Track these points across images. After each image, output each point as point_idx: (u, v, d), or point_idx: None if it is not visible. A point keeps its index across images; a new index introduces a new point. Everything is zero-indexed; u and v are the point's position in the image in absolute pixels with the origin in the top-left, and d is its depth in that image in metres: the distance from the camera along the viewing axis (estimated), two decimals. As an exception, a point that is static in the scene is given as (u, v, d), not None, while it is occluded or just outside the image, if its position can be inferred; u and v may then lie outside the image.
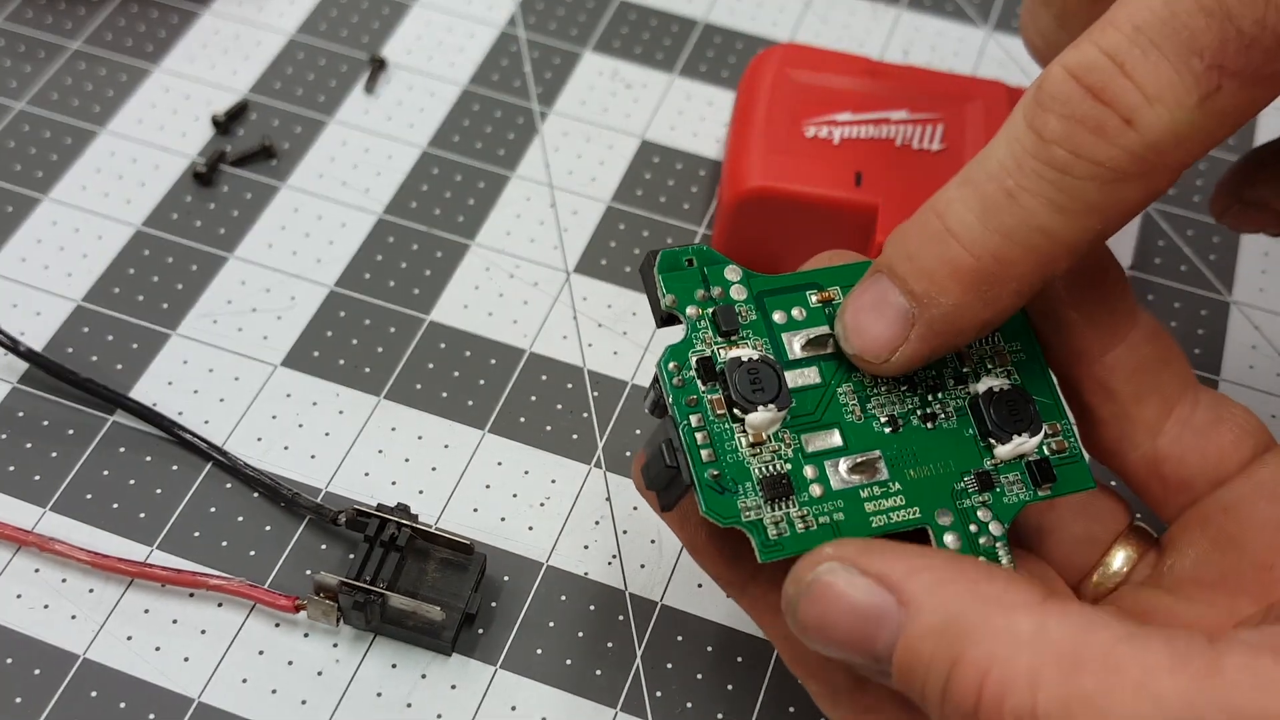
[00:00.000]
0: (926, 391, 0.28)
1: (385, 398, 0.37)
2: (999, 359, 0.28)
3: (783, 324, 0.28)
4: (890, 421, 0.27)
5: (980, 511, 0.27)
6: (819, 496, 0.26)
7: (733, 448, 0.26)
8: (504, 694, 0.32)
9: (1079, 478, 0.28)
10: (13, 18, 0.45)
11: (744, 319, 0.27)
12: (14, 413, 0.36)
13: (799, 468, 0.26)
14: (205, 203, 0.41)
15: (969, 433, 0.27)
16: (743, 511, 0.26)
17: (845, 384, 0.27)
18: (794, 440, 0.27)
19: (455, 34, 0.46)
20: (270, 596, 0.32)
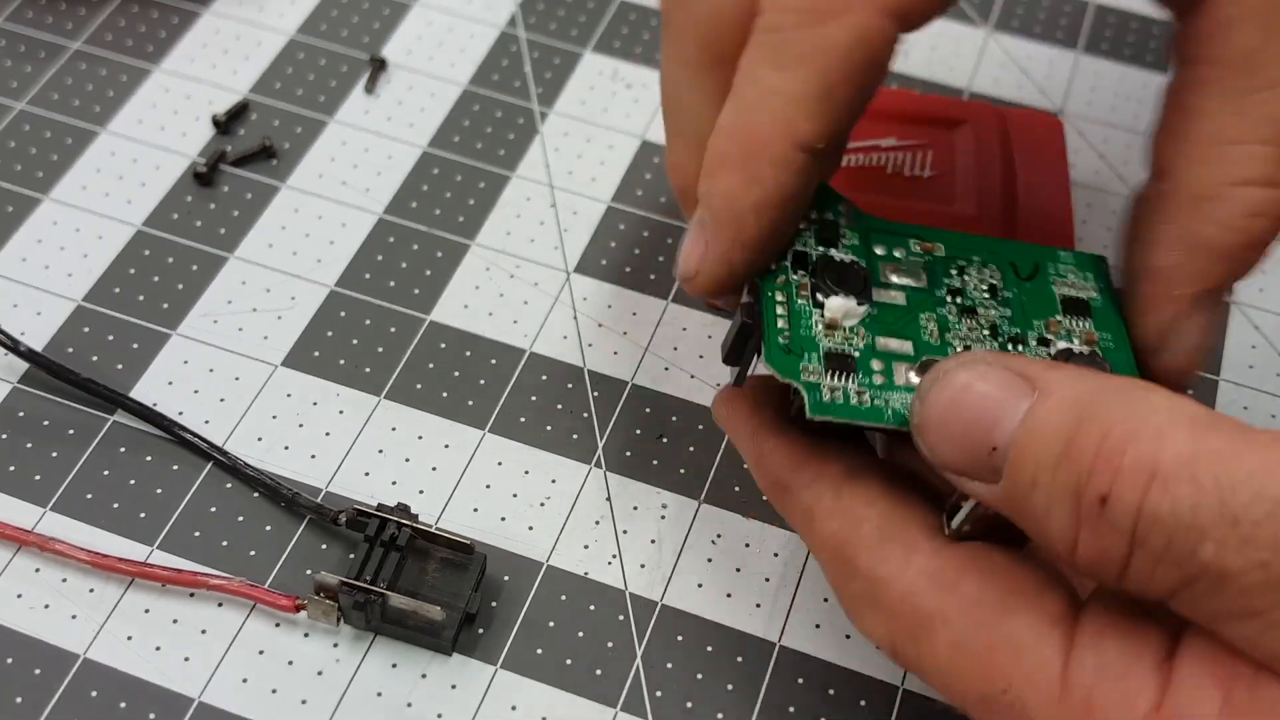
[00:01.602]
0: (1006, 343, 0.29)
1: (386, 397, 0.37)
2: (1087, 338, 0.29)
3: (881, 255, 0.30)
4: (965, 350, 0.28)
5: None
6: (880, 383, 0.28)
7: (808, 325, 0.28)
8: (504, 694, 0.32)
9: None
10: (13, 18, 0.45)
11: (845, 240, 0.30)
12: (14, 413, 0.36)
13: (867, 357, 0.28)
14: (206, 203, 0.41)
15: None
16: (803, 371, 0.27)
17: (929, 314, 0.29)
18: (867, 337, 0.28)
19: (455, 34, 0.46)
20: (270, 596, 0.32)
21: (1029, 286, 0.30)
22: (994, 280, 0.30)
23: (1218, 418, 0.22)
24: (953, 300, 0.30)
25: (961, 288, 0.30)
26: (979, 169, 0.37)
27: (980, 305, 0.30)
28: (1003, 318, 0.30)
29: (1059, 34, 0.47)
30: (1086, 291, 0.31)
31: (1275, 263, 0.41)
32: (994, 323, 0.29)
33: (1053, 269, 0.31)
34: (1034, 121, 0.39)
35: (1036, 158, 0.38)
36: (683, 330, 0.39)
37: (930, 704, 0.32)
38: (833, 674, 0.33)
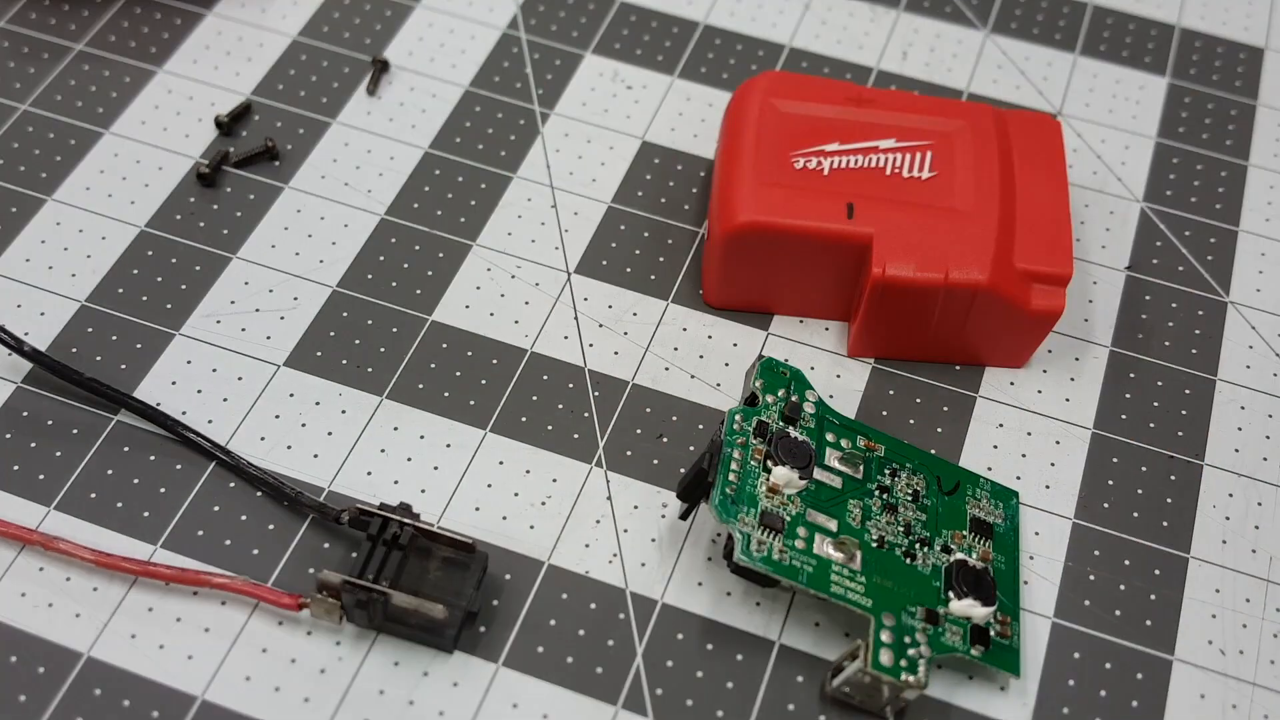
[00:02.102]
0: (915, 541, 0.33)
1: (388, 397, 0.37)
2: (983, 555, 0.34)
3: (831, 442, 0.35)
4: (879, 541, 0.33)
5: (918, 634, 0.32)
6: (800, 549, 0.32)
7: (754, 485, 0.33)
8: (505, 692, 0.32)
9: (1009, 662, 0.32)
10: (16, 19, 0.45)
11: (804, 422, 0.34)
12: (19, 412, 0.36)
13: (796, 523, 0.33)
14: (209, 204, 0.41)
15: (935, 583, 0.33)
16: (739, 522, 0.32)
17: (857, 500, 0.34)
18: (801, 507, 0.33)
19: (457, 36, 0.46)
20: (273, 595, 0.32)
21: (947, 500, 0.35)
22: (919, 487, 0.35)
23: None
24: (880, 495, 0.34)
25: (890, 486, 0.34)
26: (978, 170, 0.38)
27: (902, 505, 0.34)
28: (918, 520, 0.34)
29: (1057, 35, 0.47)
30: (995, 517, 0.35)
31: (1272, 262, 0.41)
32: (909, 522, 0.34)
33: (971, 491, 0.35)
34: (1032, 122, 0.39)
35: (1035, 158, 0.38)
36: (683, 330, 0.39)
37: (929, 703, 0.33)
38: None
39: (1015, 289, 0.36)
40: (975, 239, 0.36)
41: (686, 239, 0.41)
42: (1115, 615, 0.34)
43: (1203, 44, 0.47)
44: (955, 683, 0.33)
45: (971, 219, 0.37)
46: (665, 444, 0.36)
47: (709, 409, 0.37)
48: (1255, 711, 0.33)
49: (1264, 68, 0.47)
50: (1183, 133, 0.45)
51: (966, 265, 0.36)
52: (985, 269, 0.36)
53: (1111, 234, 0.42)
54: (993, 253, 0.36)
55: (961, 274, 0.36)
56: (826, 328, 0.39)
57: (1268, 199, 0.43)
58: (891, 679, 0.31)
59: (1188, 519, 0.36)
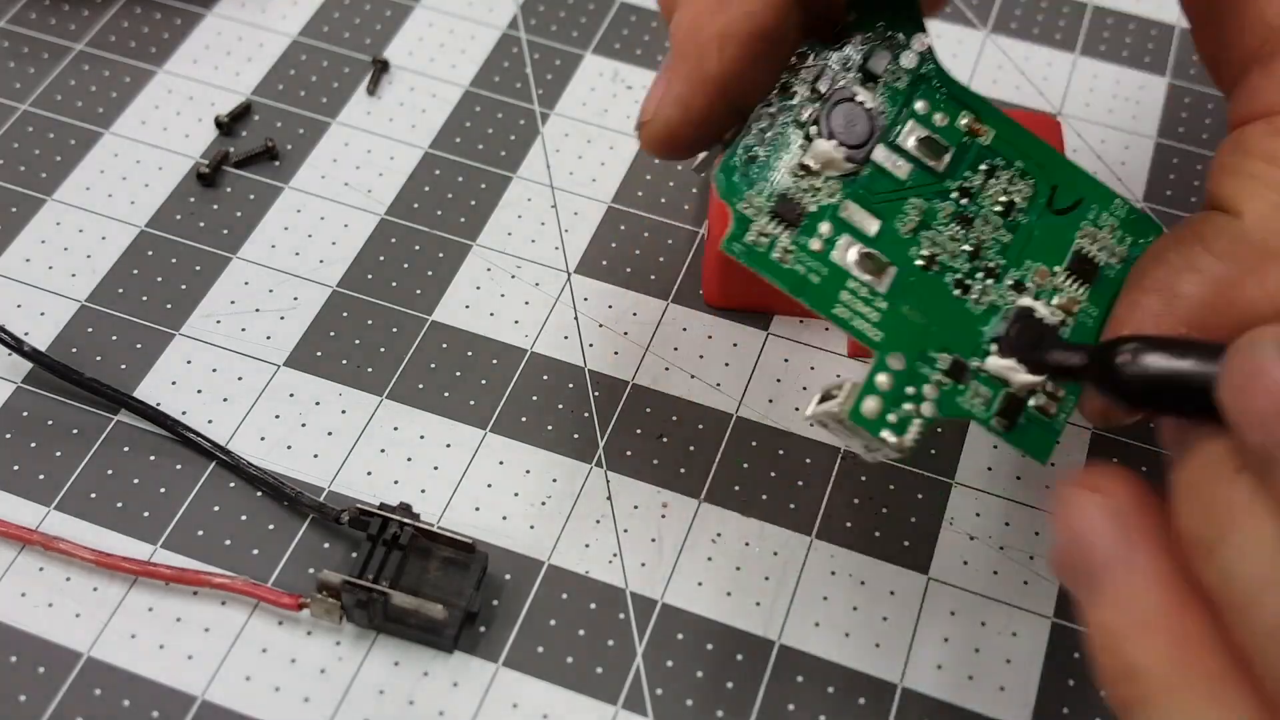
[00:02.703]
0: (978, 270, 0.26)
1: (388, 397, 0.37)
2: (1067, 305, 0.26)
3: (920, 114, 0.27)
4: (929, 259, 0.26)
5: (928, 387, 0.25)
6: (813, 251, 0.25)
7: (786, 151, 0.26)
8: (505, 691, 0.32)
9: (1040, 443, 0.26)
10: (16, 19, 0.45)
11: (889, 80, 0.26)
12: (18, 412, 0.36)
13: (819, 218, 0.26)
14: (209, 204, 0.41)
15: (983, 328, 0.26)
16: (744, 202, 0.26)
17: (921, 200, 0.26)
18: (839, 196, 0.26)
19: (457, 36, 0.46)
20: (273, 595, 0.32)
21: (1052, 220, 0.27)
22: (1017, 198, 0.27)
23: None
24: (957, 199, 0.27)
25: (976, 190, 0.27)
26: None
27: (981, 218, 0.27)
28: (995, 241, 0.27)
29: (1057, 36, 0.47)
30: (1112, 255, 0.27)
31: (1272, 263, 0.41)
32: (982, 243, 0.26)
33: (1093, 214, 0.27)
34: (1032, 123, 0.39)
35: (1035, 158, 0.38)
36: (683, 330, 0.39)
37: (929, 702, 0.33)
38: (832, 672, 0.33)
39: (1015, 288, 0.36)
40: (975, 238, 0.36)
41: (686, 239, 0.41)
42: (1115, 615, 0.34)
43: (1203, 44, 0.47)
44: (956, 682, 0.33)
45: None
46: (665, 444, 0.36)
47: (709, 409, 0.37)
48: (1255, 711, 0.33)
49: (1264, 68, 0.47)
50: (1183, 133, 0.45)
51: (967, 264, 0.36)
52: (985, 268, 0.35)
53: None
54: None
55: (962, 273, 0.35)
56: (826, 328, 0.39)
57: (1268, 199, 0.43)
58: (867, 432, 0.25)
59: (1188, 519, 0.36)
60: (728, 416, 0.37)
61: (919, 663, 0.33)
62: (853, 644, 0.33)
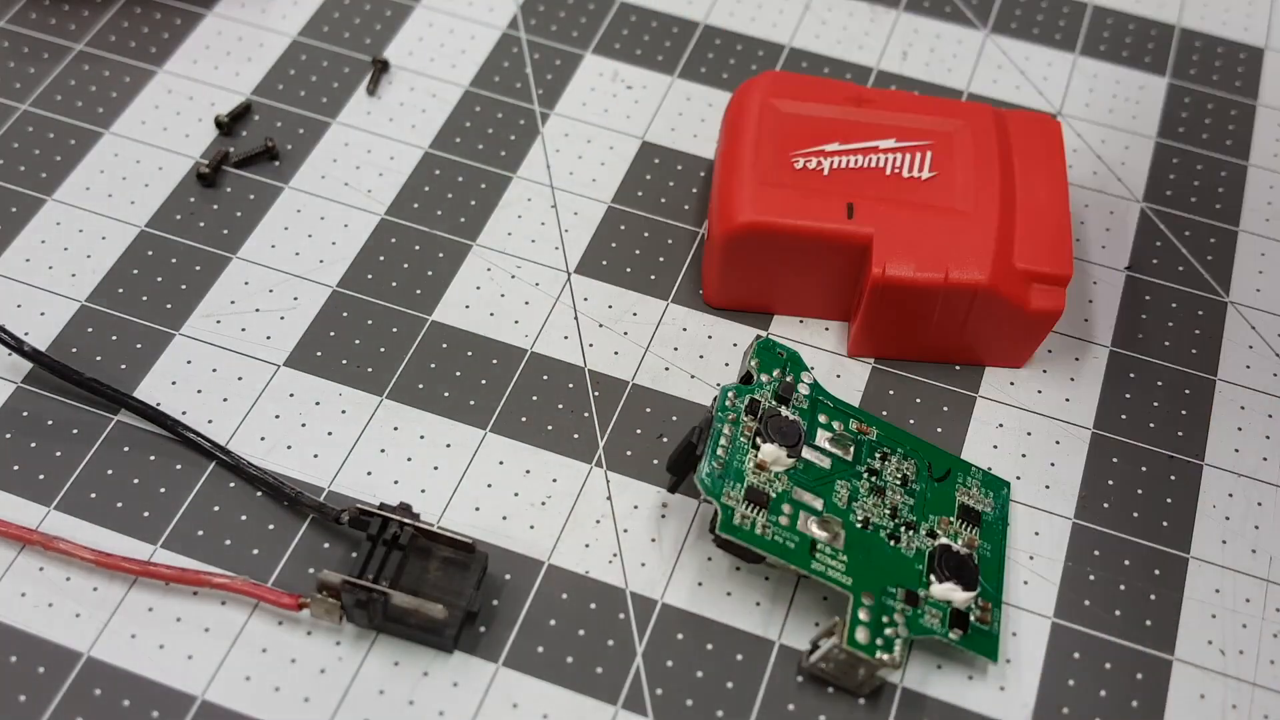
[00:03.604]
0: (900, 525, 0.34)
1: (388, 397, 0.37)
2: (969, 542, 0.34)
3: (823, 423, 0.35)
4: (864, 521, 0.33)
5: (896, 614, 0.32)
6: (784, 525, 0.32)
7: (741, 461, 0.33)
8: (505, 691, 0.32)
9: (987, 647, 0.33)
10: (16, 19, 0.45)
11: (797, 403, 0.34)
12: (19, 412, 0.36)
13: (781, 500, 0.33)
14: (209, 204, 0.41)
15: (918, 566, 0.33)
16: (725, 495, 0.32)
17: (844, 481, 0.34)
18: (788, 484, 0.33)
19: (457, 36, 0.46)
20: (273, 595, 0.32)
21: (937, 487, 0.35)
22: (908, 472, 0.35)
23: None
24: (868, 477, 0.34)
25: (879, 469, 0.35)
26: (978, 170, 0.38)
27: (890, 488, 0.34)
28: (905, 504, 0.34)
29: (1057, 35, 0.47)
30: (984, 506, 0.35)
31: (1272, 262, 0.41)
32: (896, 506, 0.34)
33: (962, 479, 0.35)
34: (1032, 122, 0.39)
35: (1035, 159, 0.38)
36: (683, 330, 0.39)
37: (928, 703, 0.33)
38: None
39: (1015, 289, 0.36)
40: (975, 239, 0.36)
41: (686, 239, 0.41)
42: (1115, 615, 0.34)
43: (1203, 44, 0.47)
44: (956, 683, 0.33)
45: (971, 219, 0.37)
46: (665, 444, 0.36)
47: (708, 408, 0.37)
48: (1255, 712, 0.33)
49: (1264, 68, 0.47)
50: (1183, 133, 0.45)
51: (966, 265, 0.36)
52: (985, 269, 0.36)
53: (1111, 234, 0.42)
54: (993, 253, 0.36)
55: (961, 274, 0.36)
56: (826, 328, 0.39)
57: (1268, 199, 0.43)
58: (866, 656, 0.31)
59: (1188, 519, 0.36)
60: (728, 416, 0.37)
61: (919, 663, 0.33)
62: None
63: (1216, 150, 0.44)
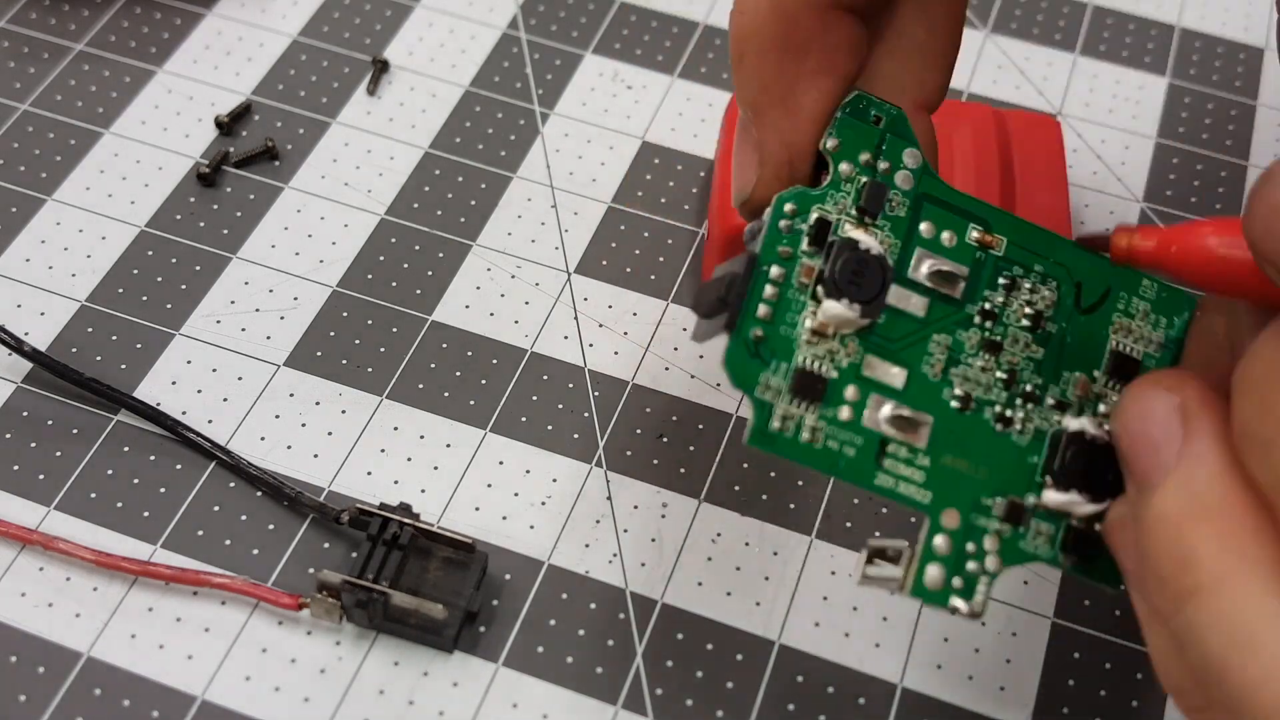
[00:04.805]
0: (1018, 395, 0.25)
1: (388, 397, 0.37)
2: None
3: (926, 239, 0.25)
4: (964, 399, 0.24)
5: (988, 539, 0.24)
6: (843, 420, 0.24)
7: (793, 321, 0.24)
8: (505, 691, 0.32)
9: (1111, 571, 0.25)
10: (16, 19, 0.45)
11: (891, 208, 0.25)
12: (18, 412, 0.36)
13: (842, 382, 0.24)
14: (209, 204, 0.41)
15: (1033, 459, 0.25)
16: (760, 386, 0.24)
17: (944, 334, 0.25)
18: (857, 353, 0.24)
19: (457, 36, 0.46)
20: (273, 595, 0.32)
21: (1082, 321, 0.26)
22: (1043, 305, 0.25)
23: None
24: (981, 324, 0.25)
25: (999, 309, 0.25)
26: (977, 170, 0.38)
27: (1010, 338, 0.25)
28: (1028, 361, 0.25)
29: (1057, 36, 0.47)
30: (1149, 344, 0.26)
31: None
32: (1015, 367, 0.25)
33: (1123, 303, 0.26)
34: (1032, 123, 0.39)
35: (1035, 159, 0.38)
36: (683, 330, 0.39)
37: (928, 702, 0.33)
38: (832, 672, 0.33)
39: (1015, 289, 0.36)
40: (975, 239, 0.36)
41: (686, 239, 0.41)
42: (1115, 615, 0.34)
43: (1203, 44, 0.47)
44: (956, 682, 0.33)
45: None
46: (665, 443, 0.36)
47: (709, 409, 0.37)
48: (1255, 711, 0.33)
49: (1264, 68, 0.47)
50: (1183, 133, 0.45)
51: (966, 265, 0.36)
52: (985, 269, 0.35)
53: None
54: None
55: (961, 274, 0.36)
56: (826, 328, 0.39)
57: (1268, 199, 0.43)
58: (936, 604, 0.24)
59: (1188, 519, 0.36)
60: (728, 416, 0.37)
61: (919, 663, 0.33)
62: (853, 644, 0.33)
63: (1216, 150, 0.44)
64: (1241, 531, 0.21)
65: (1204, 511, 0.21)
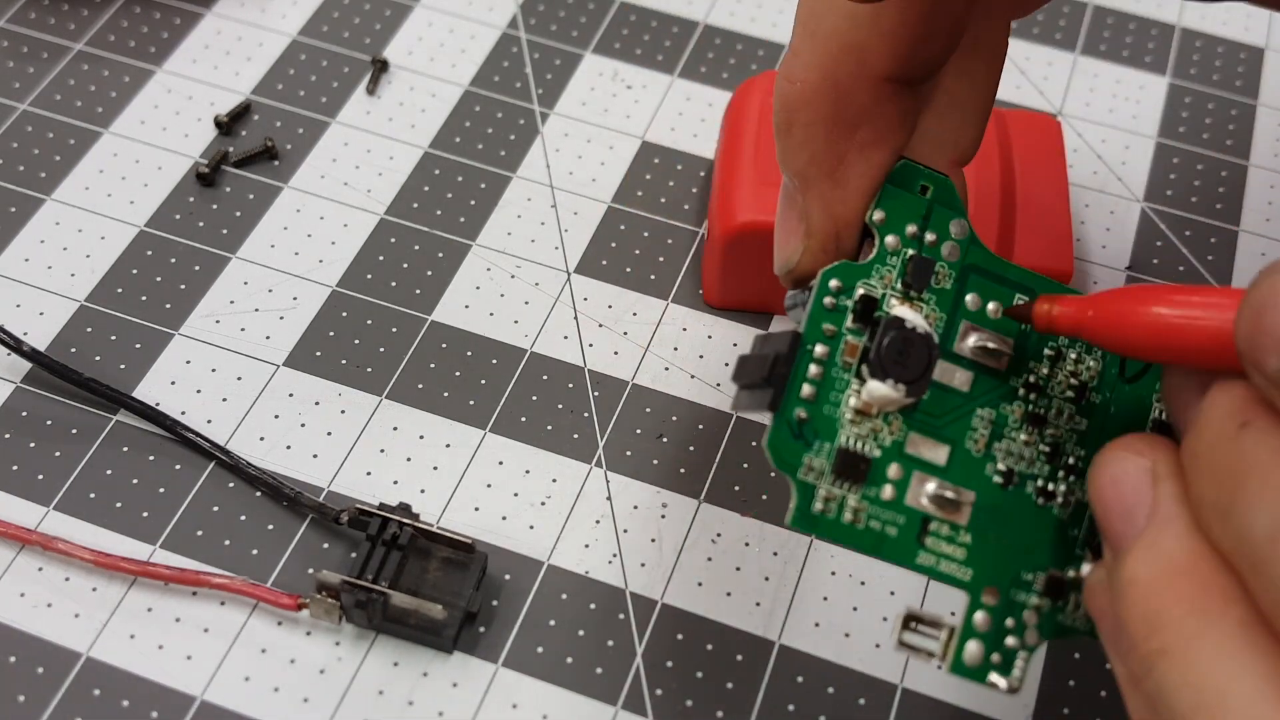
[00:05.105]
0: (1060, 468, 0.24)
1: (387, 397, 0.37)
2: None
3: (971, 310, 0.25)
4: (1006, 475, 0.24)
5: (1028, 614, 0.24)
6: (886, 500, 0.24)
7: (836, 400, 0.23)
8: (505, 692, 0.32)
9: None
10: (15, 19, 0.45)
11: (937, 282, 0.24)
12: (18, 412, 0.36)
13: (885, 460, 0.24)
14: (208, 203, 0.41)
15: (1074, 532, 0.24)
16: (804, 469, 0.23)
17: (988, 409, 0.24)
18: (901, 431, 0.24)
19: (457, 35, 0.46)
20: (273, 595, 0.32)
21: (1126, 391, 0.25)
22: (1087, 376, 0.25)
23: None
24: (1025, 396, 0.25)
25: (1044, 381, 0.25)
26: (978, 170, 0.37)
27: (1054, 411, 0.25)
28: (1071, 432, 0.25)
29: (1057, 35, 0.47)
30: None
31: (1273, 263, 0.41)
32: (1059, 439, 0.24)
33: None
34: (1032, 122, 0.39)
35: (1035, 159, 0.38)
36: (683, 330, 0.39)
37: (928, 702, 0.33)
38: (832, 672, 0.33)
39: (1015, 289, 0.36)
40: (975, 239, 0.36)
41: (686, 239, 0.41)
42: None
43: (1203, 44, 0.47)
44: (956, 683, 0.33)
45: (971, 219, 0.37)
46: (665, 444, 0.36)
47: (709, 409, 0.37)
48: (1256, 712, 0.33)
49: (1264, 68, 0.47)
50: (1183, 133, 0.45)
51: (967, 265, 0.36)
52: (985, 269, 0.35)
53: (1111, 234, 0.42)
54: (993, 252, 0.36)
55: (962, 274, 0.35)
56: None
57: (1268, 199, 0.43)
58: (975, 680, 0.24)
59: (1188, 519, 0.36)
60: (728, 416, 0.37)
61: (919, 663, 0.33)
62: (853, 644, 0.33)
63: (1216, 150, 0.44)
64: (1208, 593, 0.21)
65: (1172, 574, 0.21)
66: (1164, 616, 0.21)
